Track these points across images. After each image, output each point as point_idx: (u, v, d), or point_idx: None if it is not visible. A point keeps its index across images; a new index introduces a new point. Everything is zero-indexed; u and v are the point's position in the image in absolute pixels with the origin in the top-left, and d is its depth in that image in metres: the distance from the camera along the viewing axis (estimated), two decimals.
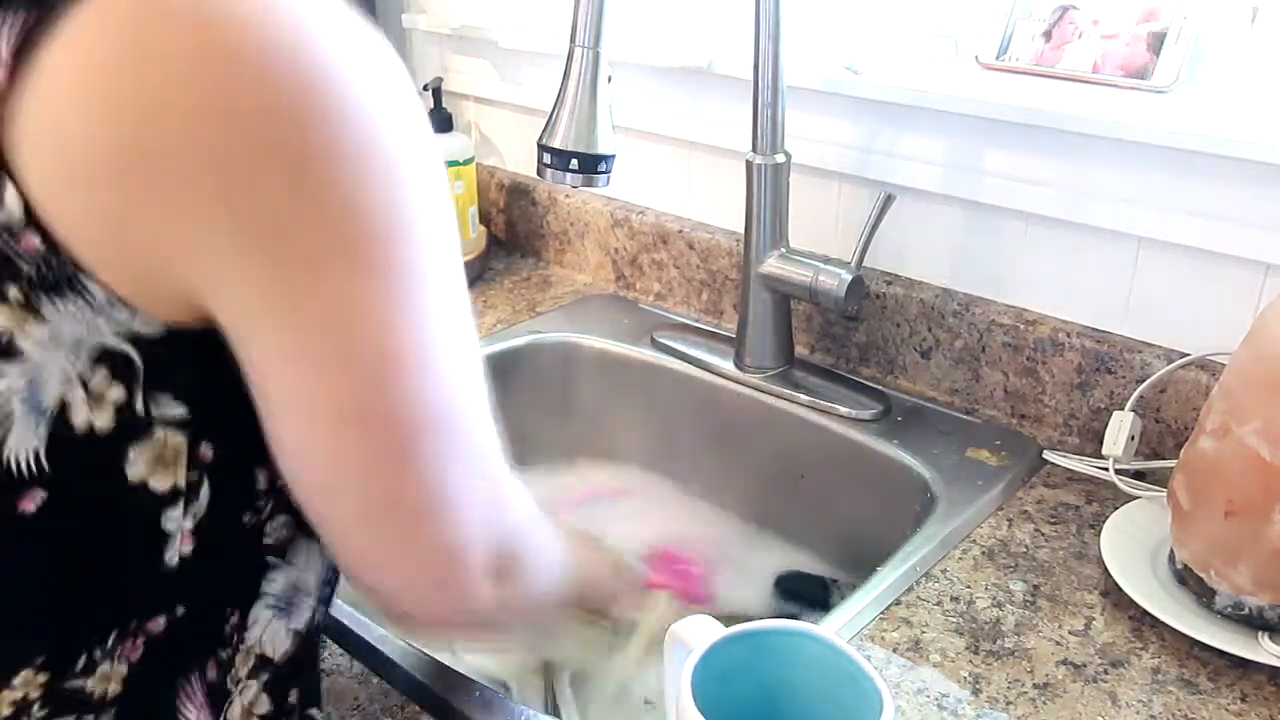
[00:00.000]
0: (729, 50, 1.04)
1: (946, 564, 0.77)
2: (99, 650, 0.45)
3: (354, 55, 0.42)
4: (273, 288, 0.41)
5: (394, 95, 0.43)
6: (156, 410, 0.44)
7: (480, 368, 0.49)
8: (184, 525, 0.46)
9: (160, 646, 0.47)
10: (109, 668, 0.46)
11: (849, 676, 0.52)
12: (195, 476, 0.46)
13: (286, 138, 0.39)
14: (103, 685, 0.46)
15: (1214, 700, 0.65)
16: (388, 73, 0.44)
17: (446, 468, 0.46)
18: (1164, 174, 0.83)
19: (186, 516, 0.46)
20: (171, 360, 0.43)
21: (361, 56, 0.42)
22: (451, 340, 0.45)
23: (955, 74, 0.95)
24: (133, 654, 0.46)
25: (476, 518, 0.49)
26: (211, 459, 0.46)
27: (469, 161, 1.23)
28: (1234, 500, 0.66)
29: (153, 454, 0.44)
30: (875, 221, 0.93)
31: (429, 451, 0.45)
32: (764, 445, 1.01)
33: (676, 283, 1.17)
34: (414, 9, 1.35)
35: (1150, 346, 0.88)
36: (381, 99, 0.42)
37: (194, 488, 0.46)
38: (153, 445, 0.44)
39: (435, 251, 0.44)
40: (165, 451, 0.44)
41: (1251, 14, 0.84)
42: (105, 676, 0.46)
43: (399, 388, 0.43)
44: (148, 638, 0.47)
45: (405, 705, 0.66)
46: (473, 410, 0.48)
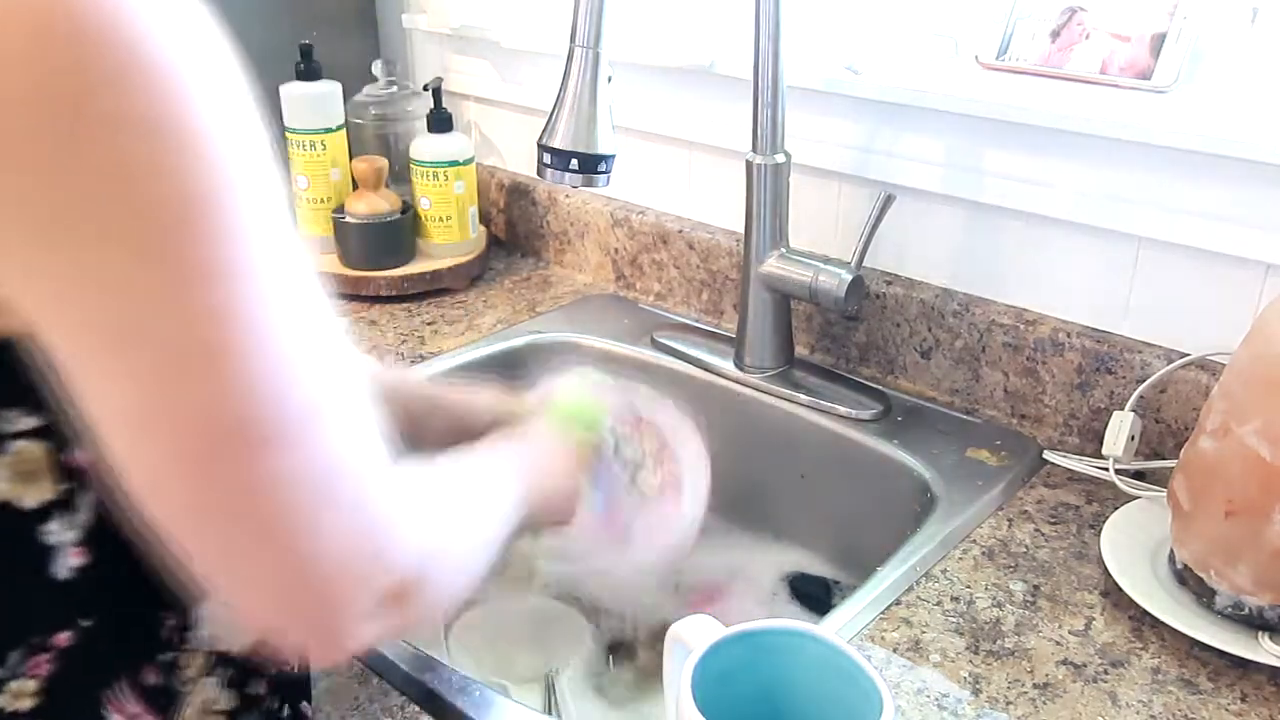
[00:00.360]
0: (729, 50, 1.04)
1: (946, 564, 0.77)
2: (2, 670, 0.44)
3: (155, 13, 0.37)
4: (56, 284, 0.37)
5: (199, 60, 0.39)
6: (8, 426, 0.41)
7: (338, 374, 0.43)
8: (65, 538, 0.44)
9: (73, 659, 0.45)
10: (18, 685, 0.44)
11: (849, 676, 0.52)
12: (69, 486, 0.43)
13: (52, 99, 0.35)
14: (14, 702, 0.44)
15: (1214, 700, 0.65)
16: (197, 37, 0.39)
17: (276, 487, 0.41)
18: (1164, 174, 0.83)
19: (68, 529, 0.44)
20: (10, 373, 0.41)
21: (164, 16, 0.38)
22: (277, 341, 0.40)
23: (955, 74, 0.95)
24: (39, 669, 0.45)
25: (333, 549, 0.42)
26: (86, 465, 0.43)
27: (469, 161, 1.23)
28: (1234, 500, 0.66)
29: (10, 471, 0.42)
30: (875, 221, 0.93)
31: (244, 465, 0.40)
32: (764, 445, 1.01)
33: (676, 283, 1.17)
34: (414, 9, 1.35)
35: (1150, 346, 0.88)
36: (177, 62, 0.37)
37: (68, 499, 0.44)
38: (8, 462, 0.42)
39: (245, 238, 0.39)
40: (24, 466, 0.42)
41: (1251, 14, 0.84)
42: (15, 693, 0.44)
43: (197, 392, 0.38)
44: (56, 652, 0.45)
45: (405, 705, 0.66)
46: (313, 424, 0.41)
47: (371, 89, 1.30)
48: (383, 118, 1.30)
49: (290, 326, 0.40)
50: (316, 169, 1.20)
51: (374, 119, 1.30)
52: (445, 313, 1.18)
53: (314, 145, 1.19)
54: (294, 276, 0.41)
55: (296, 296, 0.41)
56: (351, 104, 1.27)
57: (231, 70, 0.40)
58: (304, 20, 1.24)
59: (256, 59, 0.42)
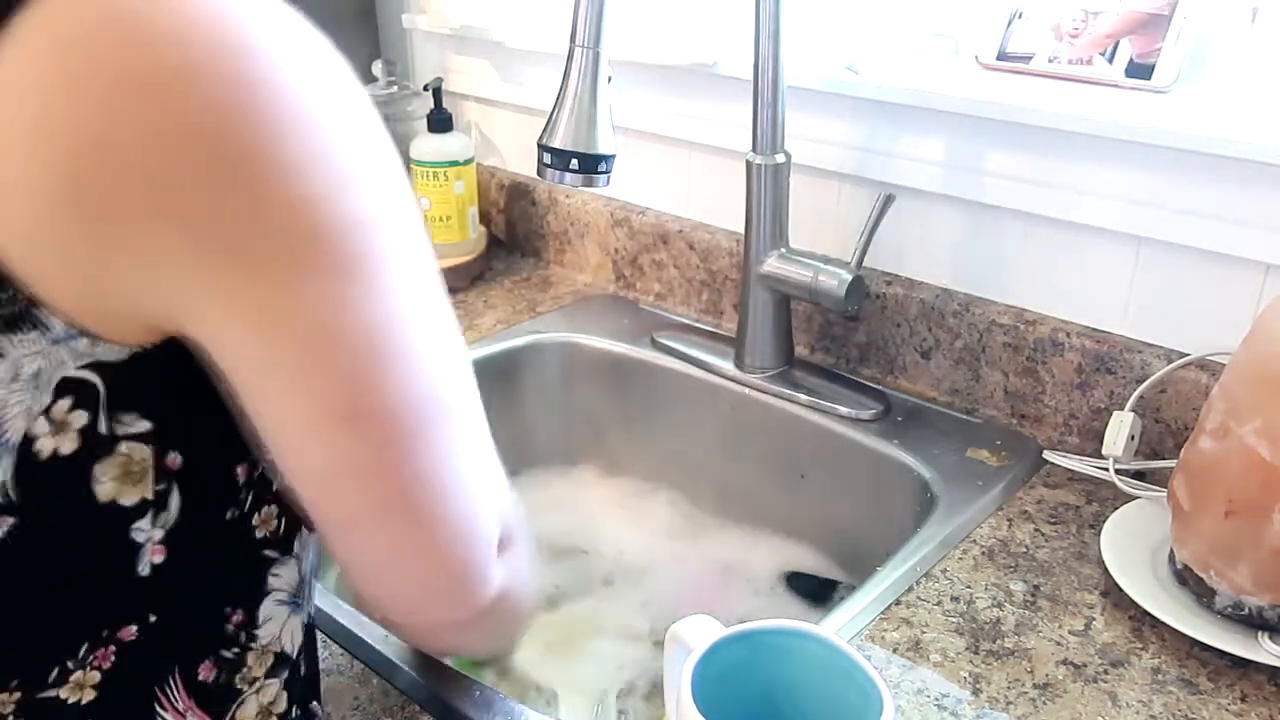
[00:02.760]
0: (729, 50, 1.04)
1: (946, 564, 0.77)
2: (71, 661, 0.45)
3: (293, 59, 0.41)
4: (239, 303, 0.41)
5: (339, 95, 0.43)
6: (121, 429, 0.43)
7: (464, 359, 0.50)
8: (153, 535, 0.45)
9: (132, 653, 0.46)
10: (81, 675, 0.45)
11: (849, 676, 0.52)
12: (163, 486, 0.45)
13: (227, 153, 0.39)
14: (76, 694, 0.45)
15: (1214, 700, 0.65)
16: (330, 72, 0.43)
17: (444, 458, 0.47)
18: (1164, 174, 0.83)
19: (155, 527, 0.45)
20: (136, 381, 0.43)
21: (301, 59, 0.42)
22: (429, 334, 0.46)
23: (955, 74, 0.95)
24: (104, 662, 0.46)
25: (482, 503, 0.50)
26: (180, 465, 0.45)
27: (469, 161, 1.23)
28: (1234, 500, 0.66)
29: (119, 471, 0.44)
30: (875, 222, 0.93)
31: (423, 443, 0.46)
32: (764, 445, 1.01)
33: (676, 283, 1.17)
34: (414, 9, 1.35)
35: (1150, 346, 0.88)
36: (325, 100, 0.42)
37: (162, 497, 0.45)
38: (119, 462, 0.44)
39: (400, 249, 0.45)
40: (132, 467, 0.44)
41: (1251, 14, 0.84)
42: (78, 684, 0.45)
43: (380, 386, 0.44)
44: (119, 645, 0.46)
45: (405, 705, 0.66)
46: (460, 399, 0.49)
47: (371, 89, 1.30)
48: (383, 117, 1.29)
49: (437, 322, 0.47)
50: None
51: None
52: None
53: None
54: (432, 278, 0.47)
55: (437, 300, 0.48)
56: None
57: (369, 107, 0.45)
58: None
59: None
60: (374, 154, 0.44)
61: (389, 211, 0.44)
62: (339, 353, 0.43)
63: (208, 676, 0.49)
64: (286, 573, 0.51)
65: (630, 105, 1.14)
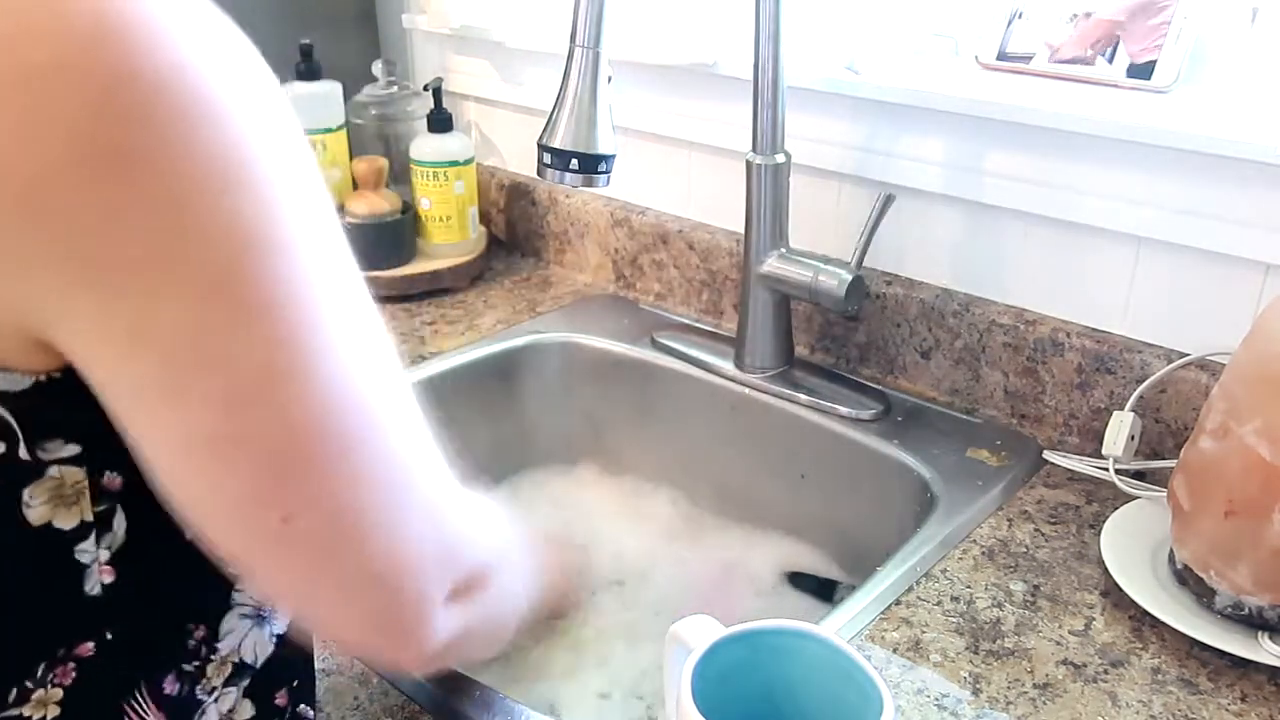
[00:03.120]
0: (729, 50, 1.04)
1: (946, 564, 0.77)
2: (29, 681, 0.44)
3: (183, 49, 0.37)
4: (107, 316, 0.38)
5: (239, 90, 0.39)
6: (46, 455, 0.42)
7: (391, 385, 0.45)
8: (99, 556, 0.44)
9: (93, 669, 0.46)
10: (44, 693, 0.45)
11: (849, 676, 0.52)
12: (105, 507, 0.44)
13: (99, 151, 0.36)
14: (40, 710, 0.45)
15: (1214, 700, 0.65)
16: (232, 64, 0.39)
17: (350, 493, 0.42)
18: (1164, 174, 0.83)
19: (101, 548, 0.44)
20: (50, 407, 0.41)
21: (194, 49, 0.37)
22: (335, 359, 0.41)
23: (955, 74, 0.95)
24: (65, 679, 0.45)
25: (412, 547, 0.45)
26: (121, 486, 0.44)
27: (469, 162, 1.23)
28: (1234, 500, 0.66)
29: (50, 494, 0.42)
30: (875, 222, 0.93)
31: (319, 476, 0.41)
32: (764, 445, 1.01)
33: (676, 283, 1.17)
34: (414, 9, 1.35)
35: (1150, 346, 0.88)
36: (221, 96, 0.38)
37: (104, 519, 0.44)
38: (49, 486, 0.42)
39: (301, 265, 0.40)
40: (64, 490, 0.43)
41: (1251, 14, 0.84)
42: (41, 702, 0.45)
43: (260, 413, 0.40)
44: (78, 662, 0.45)
45: (405, 705, 0.66)
46: (379, 432, 0.43)
47: (371, 89, 1.30)
48: (383, 118, 1.30)
49: (350, 345, 0.42)
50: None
51: (374, 119, 1.30)
52: (445, 313, 1.18)
53: (314, 145, 1.19)
54: (349, 296, 0.43)
55: (353, 314, 0.43)
56: (351, 104, 1.27)
57: (280, 104, 0.41)
58: (304, 20, 1.25)
59: None
60: (277, 157, 0.40)
61: (289, 222, 0.40)
62: (211, 375, 0.39)
63: (173, 689, 0.49)
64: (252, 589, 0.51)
65: (630, 105, 1.14)
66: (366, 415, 0.43)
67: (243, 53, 0.40)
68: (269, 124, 0.40)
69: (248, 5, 0.42)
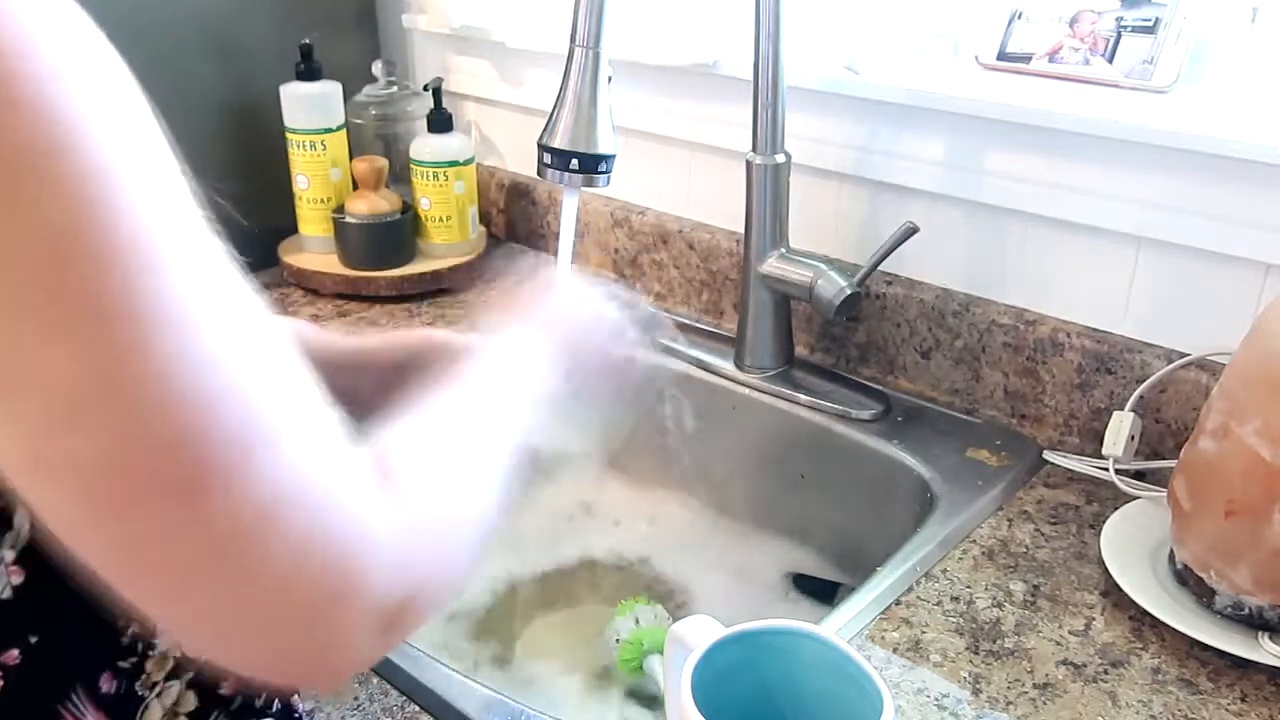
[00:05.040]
0: (729, 50, 1.04)
1: (946, 564, 0.77)
2: None
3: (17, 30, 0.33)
4: None
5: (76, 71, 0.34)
6: None
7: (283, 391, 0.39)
8: (3, 556, 0.42)
9: (23, 676, 0.44)
10: None
11: (849, 676, 0.52)
12: (1, 505, 0.41)
13: None
14: None
15: (1214, 700, 0.65)
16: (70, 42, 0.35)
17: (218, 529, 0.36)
18: (1164, 174, 0.83)
19: (4, 548, 0.42)
20: None
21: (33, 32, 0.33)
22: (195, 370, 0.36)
23: (955, 74, 0.95)
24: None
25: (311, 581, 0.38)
26: None
27: (469, 161, 1.23)
28: (1234, 500, 0.66)
29: None
30: (891, 248, 0.92)
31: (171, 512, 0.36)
32: (764, 445, 1.01)
33: (676, 283, 1.17)
34: (414, 9, 1.35)
35: (1150, 346, 0.88)
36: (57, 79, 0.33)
37: (3, 517, 0.41)
38: None
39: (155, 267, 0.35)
40: None
41: (1251, 14, 0.84)
42: None
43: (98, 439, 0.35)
44: (4, 670, 0.43)
45: (405, 705, 0.66)
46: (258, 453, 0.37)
47: (371, 89, 1.30)
48: (383, 118, 1.30)
49: (209, 354, 0.36)
50: (316, 169, 1.20)
51: (374, 119, 1.30)
52: (445, 313, 1.18)
53: (314, 145, 1.19)
54: (210, 296, 0.37)
55: (216, 318, 0.37)
56: (351, 104, 1.27)
57: (119, 82, 0.36)
58: (304, 20, 1.24)
59: (256, 59, 0.41)
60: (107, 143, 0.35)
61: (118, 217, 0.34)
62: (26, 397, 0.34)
63: (110, 687, 0.47)
64: None
65: (630, 105, 1.14)
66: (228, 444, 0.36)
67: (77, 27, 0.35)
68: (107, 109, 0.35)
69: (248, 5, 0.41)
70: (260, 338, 0.39)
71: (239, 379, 0.37)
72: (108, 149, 0.34)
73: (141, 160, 0.36)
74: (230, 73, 1.20)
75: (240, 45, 1.20)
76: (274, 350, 0.39)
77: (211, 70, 1.18)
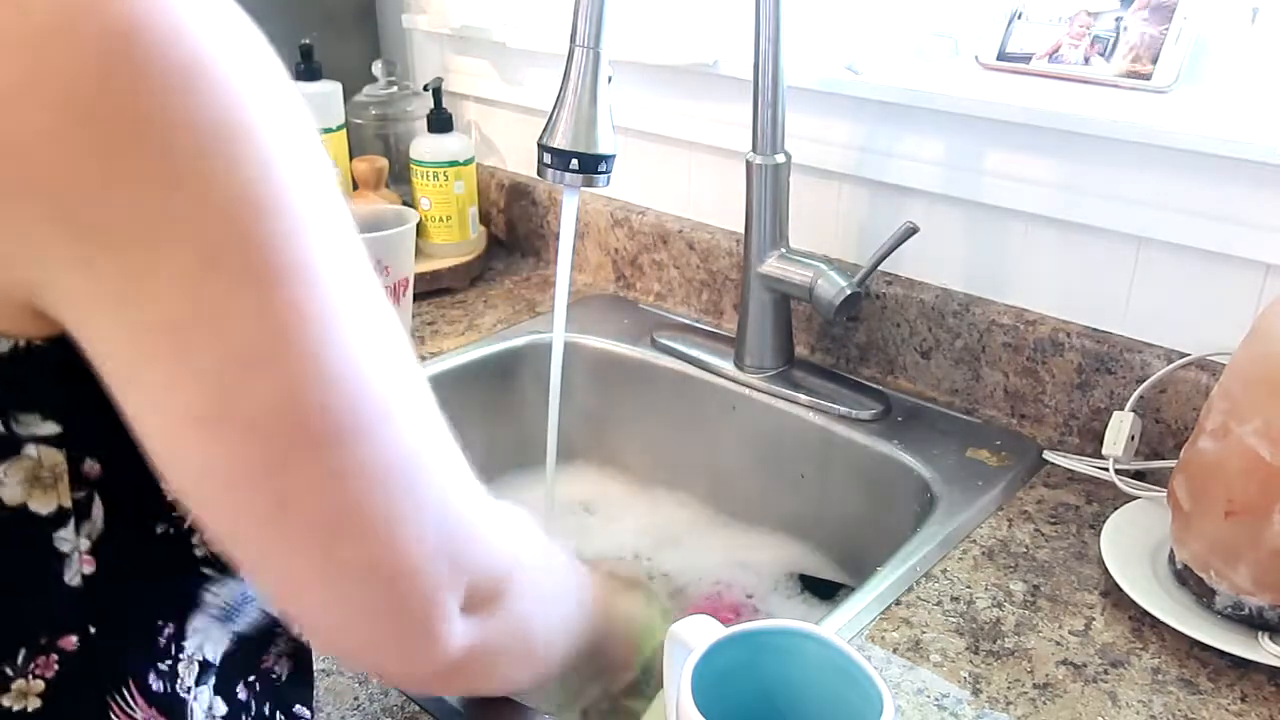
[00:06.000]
0: (729, 50, 1.04)
1: (946, 564, 0.77)
2: (10, 668, 0.43)
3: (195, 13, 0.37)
4: (102, 284, 0.36)
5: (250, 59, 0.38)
6: (23, 430, 0.41)
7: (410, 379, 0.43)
8: (79, 545, 0.43)
9: (78, 662, 0.45)
10: (24, 684, 0.44)
11: (849, 676, 0.52)
12: (83, 494, 0.43)
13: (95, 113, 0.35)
14: (20, 701, 0.44)
15: (1214, 700, 0.65)
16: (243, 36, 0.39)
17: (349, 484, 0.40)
18: (1164, 174, 0.83)
19: (81, 536, 0.43)
20: (31, 377, 0.40)
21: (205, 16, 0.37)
22: (345, 337, 0.40)
23: (955, 74, 0.95)
24: (47, 670, 0.44)
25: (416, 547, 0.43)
26: (99, 474, 0.43)
27: (469, 161, 1.23)
28: (1234, 500, 0.66)
29: (26, 475, 0.41)
30: (891, 248, 0.92)
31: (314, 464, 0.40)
32: (764, 445, 1.01)
33: (676, 283, 1.17)
34: (414, 9, 1.35)
35: (1150, 346, 0.88)
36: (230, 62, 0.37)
37: (83, 506, 0.43)
38: (25, 466, 0.41)
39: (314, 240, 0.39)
40: (41, 471, 0.41)
41: (1251, 14, 0.84)
42: (21, 693, 0.44)
43: (254, 392, 0.38)
44: (61, 655, 0.44)
45: (405, 705, 0.66)
46: (388, 418, 0.41)
47: (371, 89, 1.30)
48: (383, 118, 1.30)
49: (356, 322, 0.40)
50: None
51: (374, 119, 1.30)
52: (445, 313, 1.18)
53: None
54: (356, 272, 0.41)
55: (360, 292, 0.41)
56: (351, 104, 1.27)
57: (278, 71, 0.40)
58: (304, 20, 1.24)
59: None
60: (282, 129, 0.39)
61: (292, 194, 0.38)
62: (207, 347, 0.37)
63: (158, 686, 0.48)
64: (225, 591, 0.49)
65: (630, 105, 1.14)
66: (376, 402, 0.41)
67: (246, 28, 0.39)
68: (273, 97, 0.39)
69: (248, 5, 0.41)
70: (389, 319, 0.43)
71: (379, 350, 0.41)
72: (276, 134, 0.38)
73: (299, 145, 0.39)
74: None
75: None
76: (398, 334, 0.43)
77: None
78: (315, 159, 0.40)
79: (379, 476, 0.41)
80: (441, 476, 0.44)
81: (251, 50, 0.39)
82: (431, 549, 0.43)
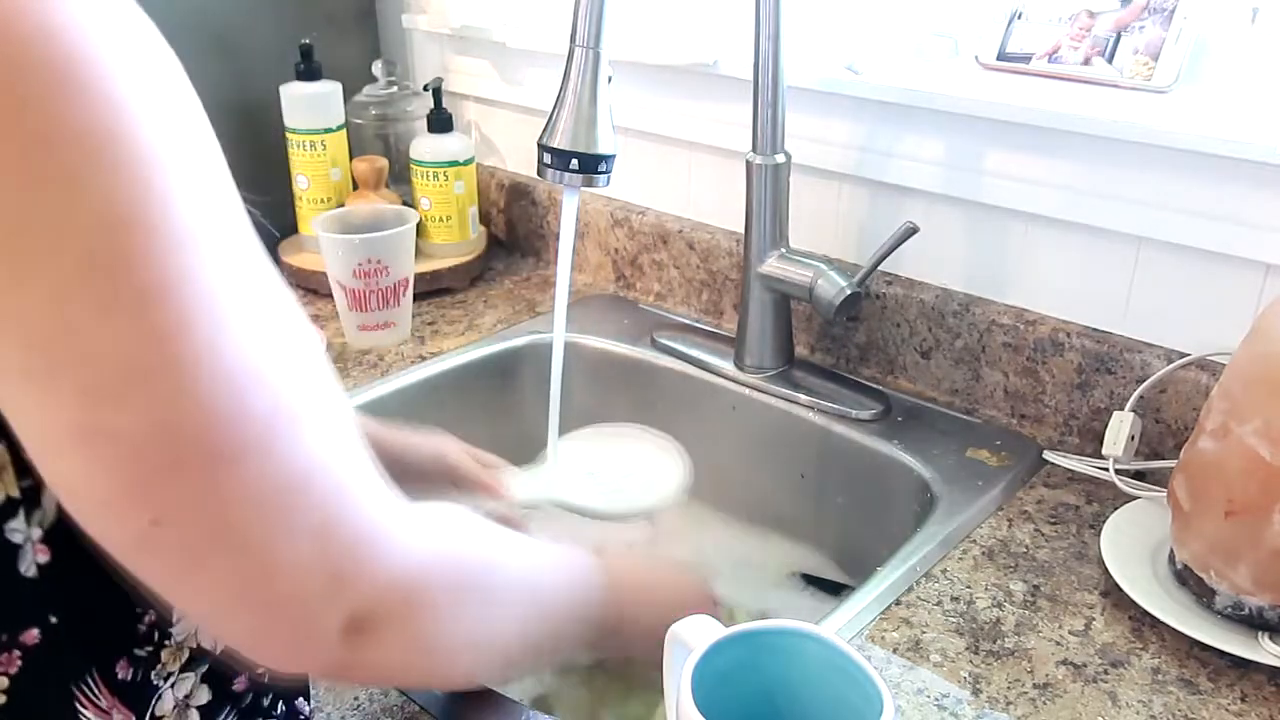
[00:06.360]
0: (729, 50, 1.04)
1: (946, 564, 0.77)
2: None
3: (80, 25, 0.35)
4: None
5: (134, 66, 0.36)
6: None
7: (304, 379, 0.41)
8: (31, 535, 0.43)
9: (42, 656, 0.44)
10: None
11: (849, 676, 0.52)
12: (29, 483, 0.42)
13: None
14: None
15: (1214, 700, 0.65)
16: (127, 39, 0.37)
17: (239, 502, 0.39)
18: (1164, 174, 0.83)
19: (32, 525, 0.42)
20: None
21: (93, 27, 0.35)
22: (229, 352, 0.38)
23: (955, 74, 0.95)
24: (9, 667, 0.44)
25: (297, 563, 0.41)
26: None
27: (469, 162, 1.23)
28: (1234, 500, 0.66)
29: None
30: (891, 248, 0.92)
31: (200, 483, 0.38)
32: (764, 445, 1.01)
33: (676, 283, 1.17)
34: (414, 9, 1.35)
35: (1150, 346, 0.88)
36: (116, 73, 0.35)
37: (32, 495, 0.42)
38: None
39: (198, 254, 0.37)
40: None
41: (1251, 14, 0.84)
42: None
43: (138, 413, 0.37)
44: (23, 649, 0.44)
45: (405, 705, 0.66)
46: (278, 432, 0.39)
47: (371, 89, 1.30)
48: (383, 118, 1.30)
49: (244, 337, 0.38)
50: (316, 169, 1.20)
51: (374, 119, 1.30)
52: (445, 313, 1.18)
53: (314, 145, 1.19)
54: (249, 283, 0.39)
55: (252, 303, 0.39)
56: (351, 104, 1.27)
57: (175, 74, 0.38)
58: (304, 20, 1.24)
59: (257, 59, 0.42)
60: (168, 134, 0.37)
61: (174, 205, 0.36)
62: (78, 365, 0.36)
63: (126, 674, 0.47)
64: None
65: (630, 105, 1.14)
66: (259, 421, 0.39)
67: (137, 23, 0.37)
68: (163, 101, 0.37)
69: (248, 5, 0.41)
70: (288, 328, 0.41)
71: (269, 363, 0.39)
72: (161, 139, 0.36)
73: (190, 152, 0.38)
74: (230, 73, 1.20)
75: (240, 45, 1.20)
76: (299, 342, 0.41)
77: (211, 70, 1.18)
78: (209, 167, 0.39)
79: (257, 496, 0.39)
80: (333, 489, 0.42)
81: (143, 51, 0.37)
82: (309, 568, 0.41)
